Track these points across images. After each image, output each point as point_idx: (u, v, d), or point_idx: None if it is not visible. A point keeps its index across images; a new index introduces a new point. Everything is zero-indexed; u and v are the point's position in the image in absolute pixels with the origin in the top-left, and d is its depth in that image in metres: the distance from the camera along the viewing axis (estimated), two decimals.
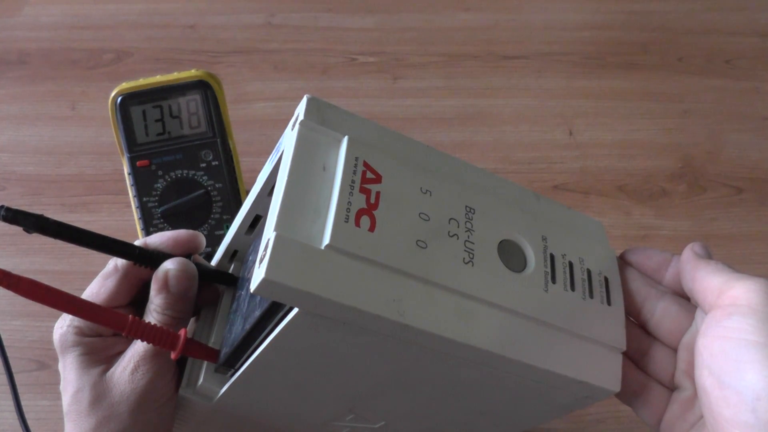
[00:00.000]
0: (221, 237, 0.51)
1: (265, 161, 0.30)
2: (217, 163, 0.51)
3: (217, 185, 0.51)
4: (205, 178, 0.51)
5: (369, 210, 0.25)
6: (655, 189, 0.63)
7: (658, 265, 0.30)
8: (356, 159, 0.26)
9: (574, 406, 0.29)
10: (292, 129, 0.27)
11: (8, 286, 0.27)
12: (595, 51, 0.73)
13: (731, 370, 0.24)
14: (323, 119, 0.27)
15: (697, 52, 0.73)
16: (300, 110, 0.27)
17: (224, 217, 0.51)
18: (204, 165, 0.51)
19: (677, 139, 0.66)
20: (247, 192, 0.53)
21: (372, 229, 0.24)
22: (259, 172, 0.31)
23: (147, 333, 0.29)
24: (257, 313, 0.27)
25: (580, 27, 0.75)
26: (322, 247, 0.23)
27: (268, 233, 0.23)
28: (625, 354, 0.29)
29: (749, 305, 0.24)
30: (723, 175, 0.64)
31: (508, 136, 0.66)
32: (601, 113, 0.68)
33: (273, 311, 0.26)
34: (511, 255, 0.28)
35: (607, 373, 0.28)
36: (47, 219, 0.29)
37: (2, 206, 0.28)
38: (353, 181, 0.25)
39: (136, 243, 0.33)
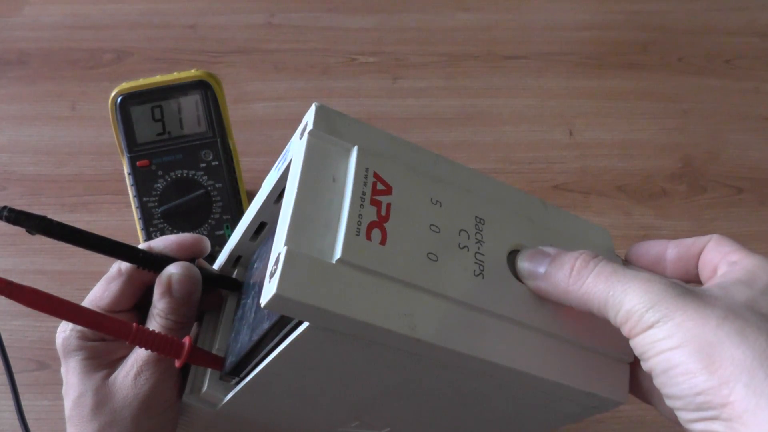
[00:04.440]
0: (221, 237, 0.52)
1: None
2: (217, 163, 0.51)
3: (217, 185, 0.51)
4: (205, 178, 0.51)
5: (380, 222, 0.25)
6: (655, 189, 0.63)
7: (658, 254, 0.30)
8: (366, 170, 0.26)
9: (580, 416, 0.30)
10: (301, 138, 0.26)
11: (10, 295, 0.26)
12: (595, 51, 0.73)
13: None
14: (332, 128, 0.26)
15: (697, 52, 0.73)
16: (308, 119, 0.27)
17: (224, 217, 0.51)
18: (204, 165, 0.51)
19: (677, 139, 0.66)
20: (248, 192, 0.53)
21: (383, 242, 0.24)
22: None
23: (151, 341, 0.29)
24: (265, 326, 0.27)
25: (580, 27, 0.75)
26: (333, 262, 0.23)
27: (279, 247, 0.23)
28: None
29: None
30: (723, 175, 0.64)
31: (508, 136, 0.66)
32: (601, 113, 0.68)
33: (281, 323, 0.26)
34: None
35: (615, 384, 0.28)
36: (50, 220, 0.29)
37: (5, 207, 0.28)
38: (364, 193, 0.25)
39: (140, 246, 0.33)
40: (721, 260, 0.26)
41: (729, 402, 0.21)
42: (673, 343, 0.22)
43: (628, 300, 0.23)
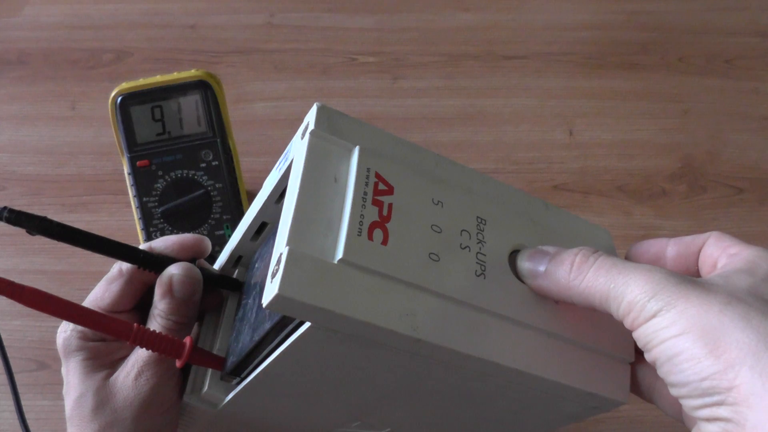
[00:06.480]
0: (221, 237, 0.52)
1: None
2: (217, 163, 0.51)
3: (217, 185, 0.51)
4: (205, 178, 0.51)
5: (382, 223, 0.25)
6: (655, 189, 0.63)
7: (657, 252, 0.30)
8: (368, 170, 0.26)
9: (581, 416, 0.30)
10: (302, 138, 0.26)
11: (11, 296, 0.26)
12: (595, 51, 0.73)
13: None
14: (334, 128, 0.26)
15: (697, 52, 0.73)
16: (310, 119, 0.27)
17: (224, 217, 0.51)
18: (204, 165, 0.51)
19: (677, 139, 0.66)
20: (248, 192, 0.53)
21: (385, 242, 0.24)
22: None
23: (152, 341, 0.29)
24: (267, 326, 0.26)
25: (580, 27, 0.75)
26: (335, 262, 0.23)
27: (280, 247, 0.23)
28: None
29: None
30: (723, 175, 0.64)
31: (508, 136, 0.66)
32: (601, 113, 0.68)
33: (283, 323, 0.26)
34: None
35: (616, 384, 0.28)
36: (50, 221, 0.29)
37: (5, 208, 0.28)
38: (365, 193, 0.25)
39: (141, 247, 0.33)
40: (721, 254, 0.26)
41: (735, 386, 0.20)
42: (676, 330, 0.22)
43: (629, 291, 0.23)
